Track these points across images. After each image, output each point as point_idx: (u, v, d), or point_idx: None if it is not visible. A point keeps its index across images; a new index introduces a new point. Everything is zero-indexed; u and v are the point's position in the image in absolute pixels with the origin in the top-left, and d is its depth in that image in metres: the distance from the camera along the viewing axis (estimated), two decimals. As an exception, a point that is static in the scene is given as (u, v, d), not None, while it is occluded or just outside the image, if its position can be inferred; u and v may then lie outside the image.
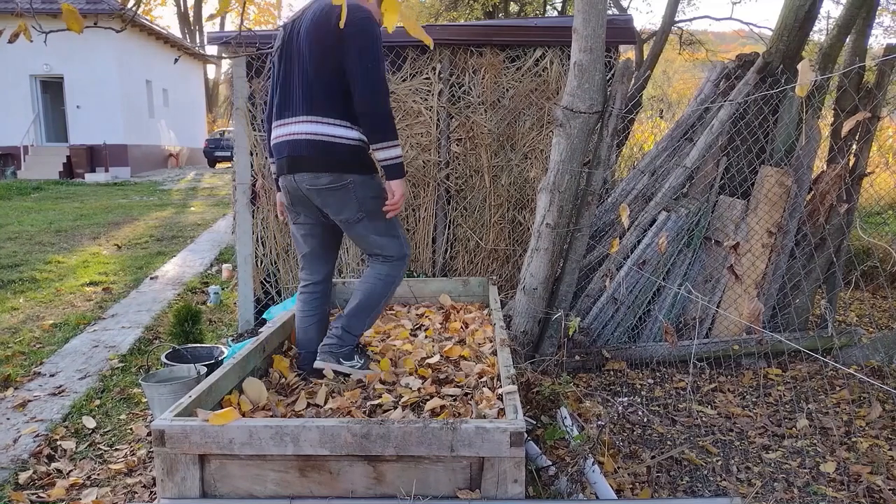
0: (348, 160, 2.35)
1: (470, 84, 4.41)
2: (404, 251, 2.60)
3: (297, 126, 2.34)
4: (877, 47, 13.87)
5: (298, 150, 2.35)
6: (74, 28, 1.84)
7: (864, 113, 2.83)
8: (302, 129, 2.33)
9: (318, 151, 2.32)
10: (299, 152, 2.34)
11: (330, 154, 2.32)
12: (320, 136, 2.31)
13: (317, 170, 2.33)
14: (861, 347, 3.77)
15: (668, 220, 3.84)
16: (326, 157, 2.32)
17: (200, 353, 3.50)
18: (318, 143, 2.31)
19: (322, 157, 2.32)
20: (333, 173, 2.33)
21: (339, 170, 2.33)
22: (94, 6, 16.37)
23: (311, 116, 2.31)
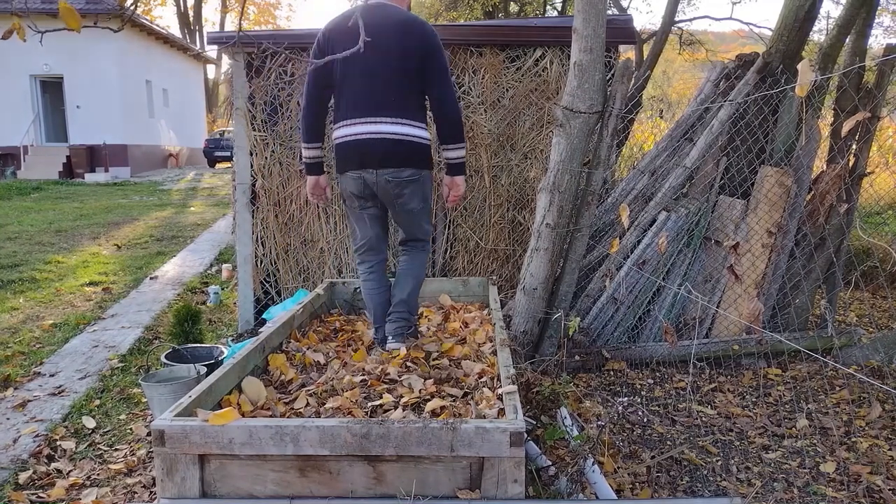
0: (425, 158, 2.73)
1: (470, 84, 4.41)
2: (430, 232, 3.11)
3: (387, 125, 2.59)
4: (877, 47, 13.88)
5: (388, 147, 2.62)
6: (73, 26, 1.83)
7: (864, 113, 2.83)
8: (393, 130, 2.60)
9: (406, 149, 2.64)
10: (390, 149, 2.62)
11: (414, 152, 2.67)
12: (408, 137, 2.63)
13: (403, 165, 2.65)
14: (861, 347, 3.77)
15: (668, 220, 3.84)
16: (411, 155, 2.66)
17: (200, 353, 3.50)
18: (407, 142, 2.63)
19: (408, 155, 2.65)
20: (414, 168, 2.68)
21: (418, 166, 2.69)
22: (93, 6, 16.37)
23: (398, 119, 2.60)
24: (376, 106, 2.58)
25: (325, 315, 3.56)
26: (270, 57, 4.31)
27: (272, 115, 4.42)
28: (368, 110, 2.58)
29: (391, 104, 2.57)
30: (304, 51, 4.35)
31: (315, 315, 3.44)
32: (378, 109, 2.58)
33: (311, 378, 2.63)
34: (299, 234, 4.55)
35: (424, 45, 2.55)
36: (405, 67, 2.55)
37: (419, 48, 2.55)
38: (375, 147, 2.60)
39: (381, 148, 2.59)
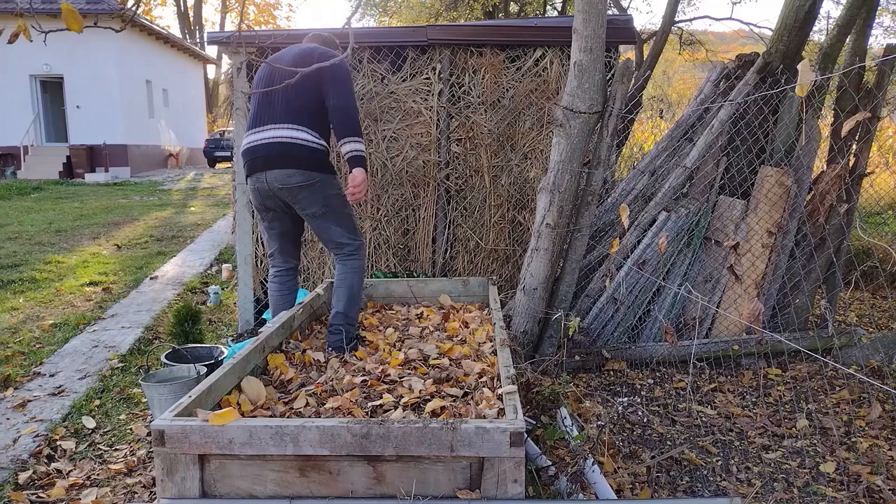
0: (315, 160, 2.74)
1: (470, 84, 4.41)
2: (360, 241, 3.02)
3: (274, 131, 2.71)
4: (877, 47, 13.88)
5: (273, 149, 2.71)
6: (74, 28, 1.83)
7: (864, 113, 2.83)
8: (279, 133, 2.70)
9: (290, 149, 2.69)
10: (274, 151, 2.70)
11: (301, 153, 2.70)
12: (294, 139, 2.69)
13: (288, 166, 2.69)
14: (861, 347, 3.77)
15: (668, 220, 3.84)
16: (297, 155, 2.70)
17: (200, 353, 3.50)
18: (291, 143, 2.70)
19: (294, 155, 2.69)
20: (302, 170, 2.71)
21: (306, 167, 2.72)
22: (94, 6, 16.37)
23: (288, 124, 2.70)
24: (269, 117, 2.77)
25: (325, 315, 3.56)
26: (270, 56, 4.31)
27: (272, 115, 4.42)
28: (262, 121, 2.78)
29: (281, 115, 2.74)
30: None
31: (315, 315, 3.44)
32: (270, 119, 2.76)
33: (310, 378, 2.63)
34: (299, 234, 4.55)
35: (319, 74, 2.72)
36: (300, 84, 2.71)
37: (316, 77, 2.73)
38: (262, 150, 2.74)
39: (265, 151, 2.72)
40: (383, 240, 4.58)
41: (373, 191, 4.51)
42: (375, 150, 4.46)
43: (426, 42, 4.28)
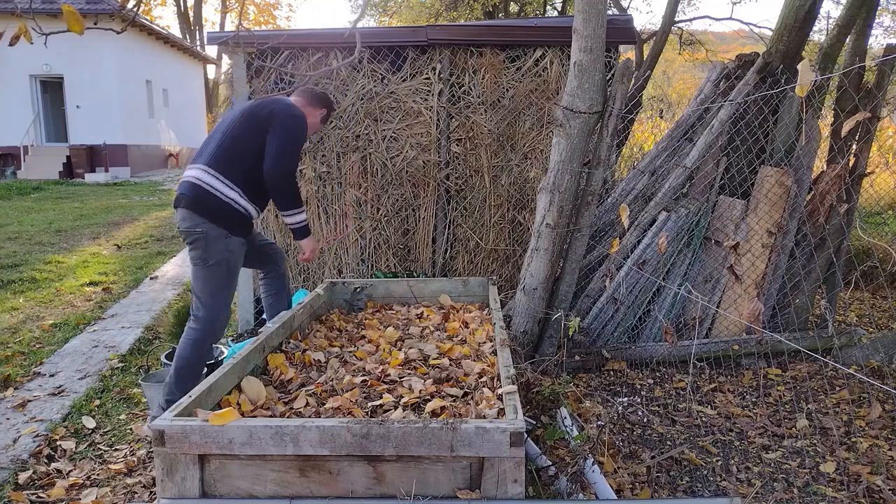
0: (218, 213, 2.62)
1: (470, 84, 4.41)
2: (213, 314, 2.74)
3: (193, 171, 2.65)
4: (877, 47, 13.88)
5: (186, 189, 2.64)
6: (75, 29, 1.84)
7: (864, 113, 2.83)
8: (195, 174, 2.63)
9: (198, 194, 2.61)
10: (187, 191, 2.63)
11: (207, 201, 2.61)
12: (208, 185, 2.60)
13: (191, 208, 2.61)
14: (861, 347, 3.77)
15: (668, 220, 3.85)
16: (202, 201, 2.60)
17: (200, 353, 3.49)
18: (200, 188, 2.61)
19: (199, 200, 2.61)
20: (199, 217, 2.61)
21: (205, 216, 2.61)
22: (94, 6, 16.36)
23: (209, 168, 2.61)
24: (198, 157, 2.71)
25: (324, 315, 3.56)
26: (270, 56, 4.32)
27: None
28: (193, 160, 2.73)
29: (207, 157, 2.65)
30: (304, 50, 4.36)
31: (315, 315, 3.44)
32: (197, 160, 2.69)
33: (310, 378, 2.63)
34: (299, 234, 4.55)
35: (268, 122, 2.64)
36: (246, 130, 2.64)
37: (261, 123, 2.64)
38: (178, 188, 2.69)
39: (179, 190, 2.67)
40: (383, 240, 4.58)
41: (373, 191, 4.51)
42: (375, 151, 4.46)
43: (426, 42, 4.28)
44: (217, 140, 2.68)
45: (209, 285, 2.71)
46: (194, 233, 2.62)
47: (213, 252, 2.65)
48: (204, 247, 2.64)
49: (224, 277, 2.73)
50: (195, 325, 2.74)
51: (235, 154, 2.64)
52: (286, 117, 2.67)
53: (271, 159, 2.59)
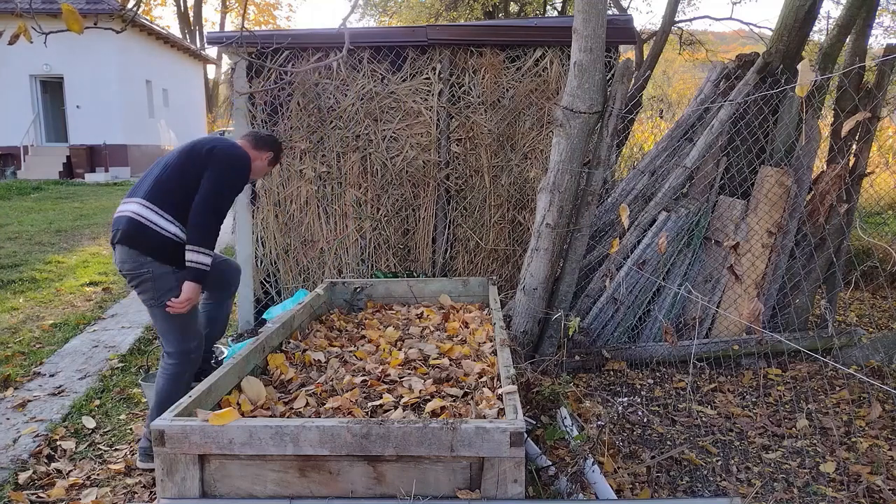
0: (157, 247, 2.53)
1: (470, 84, 4.41)
2: (183, 347, 2.67)
3: (130, 205, 2.58)
4: (877, 47, 13.86)
5: (123, 224, 2.55)
6: (75, 29, 1.84)
7: (864, 113, 2.83)
8: (132, 208, 2.55)
9: (135, 229, 2.52)
10: (123, 226, 2.54)
11: (145, 235, 2.52)
12: (143, 219, 2.52)
13: (128, 244, 2.53)
14: (861, 347, 3.77)
15: (668, 220, 3.84)
16: (139, 236, 2.52)
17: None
18: (139, 223, 2.52)
19: (137, 235, 2.52)
20: (138, 251, 2.53)
21: (144, 251, 2.53)
22: (94, 6, 16.35)
23: (147, 201, 2.55)
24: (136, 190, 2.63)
25: (324, 315, 3.56)
26: (270, 56, 4.32)
27: (272, 115, 4.43)
28: (131, 193, 2.65)
29: (145, 190, 2.59)
30: (304, 50, 4.36)
31: (315, 315, 3.44)
32: (134, 193, 2.63)
33: (310, 378, 2.63)
34: (299, 234, 4.55)
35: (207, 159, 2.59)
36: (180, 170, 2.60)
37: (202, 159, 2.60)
38: (115, 224, 2.60)
39: (115, 225, 2.59)
40: (383, 240, 4.58)
41: (373, 191, 4.51)
42: (375, 151, 4.46)
43: (426, 42, 4.28)
44: (155, 175, 2.62)
45: (171, 323, 2.63)
46: (139, 275, 2.54)
47: (164, 289, 2.56)
48: (153, 287, 2.56)
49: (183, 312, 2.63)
50: (170, 360, 2.68)
51: (174, 188, 2.57)
52: (226, 157, 2.62)
53: (202, 194, 2.53)
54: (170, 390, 2.63)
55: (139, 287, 2.59)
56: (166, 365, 2.68)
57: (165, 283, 2.57)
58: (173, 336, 2.66)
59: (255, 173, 2.93)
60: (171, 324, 2.63)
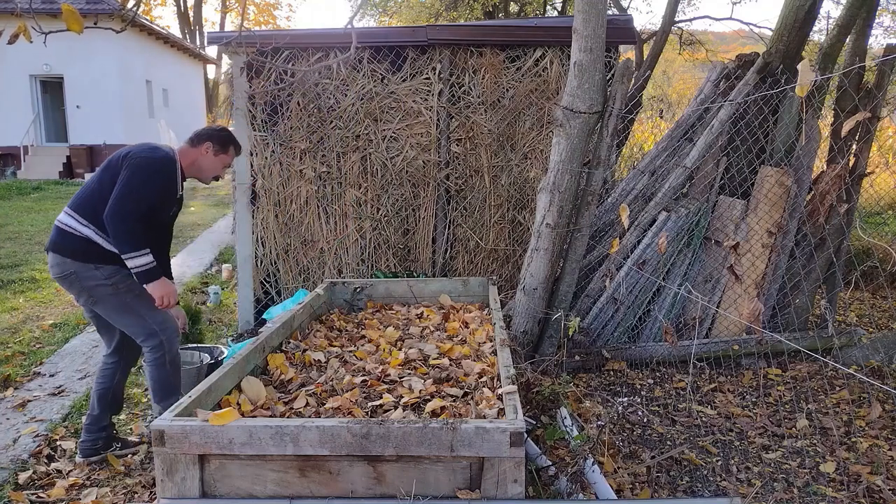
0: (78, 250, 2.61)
1: (470, 84, 4.41)
2: (149, 330, 2.71)
3: (61, 214, 2.70)
4: (877, 47, 13.86)
5: (53, 234, 2.67)
6: (75, 28, 1.84)
7: (864, 113, 2.83)
8: (60, 218, 2.68)
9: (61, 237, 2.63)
10: (53, 236, 2.67)
11: (68, 241, 2.62)
12: (65, 226, 2.63)
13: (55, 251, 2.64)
14: (861, 347, 3.77)
15: (668, 220, 3.84)
16: (64, 242, 2.62)
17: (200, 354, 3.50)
18: (61, 230, 2.64)
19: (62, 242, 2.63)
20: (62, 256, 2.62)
21: (67, 255, 2.62)
22: (94, 6, 16.35)
23: (70, 210, 2.65)
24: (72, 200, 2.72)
25: (324, 315, 3.56)
26: (270, 56, 4.32)
27: (272, 115, 4.43)
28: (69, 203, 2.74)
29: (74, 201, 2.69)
30: (305, 50, 4.36)
31: (315, 315, 3.44)
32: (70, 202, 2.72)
33: (310, 378, 2.63)
34: (299, 234, 4.55)
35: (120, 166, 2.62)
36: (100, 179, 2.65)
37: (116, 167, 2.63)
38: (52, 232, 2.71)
39: (51, 233, 2.70)
40: (383, 240, 4.58)
41: (373, 191, 4.51)
42: (375, 151, 4.46)
43: (426, 42, 4.28)
44: (84, 185, 2.73)
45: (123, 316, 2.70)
46: (66, 276, 2.64)
47: (91, 285, 2.64)
48: (80, 286, 2.64)
49: (125, 298, 2.67)
50: (145, 349, 2.74)
51: (89, 194, 2.66)
52: (137, 160, 2.62)
53: (111, 201, 2.55)
54: (159, 377, 2.72)
55: (70, 288, 2.68)
56: (146, 355, 2.75)
57: (90, 279, 2.63)
58: (133, 329, 2.72)
59: (207, 170, 2.86)
60: (122, 318, 2.71)
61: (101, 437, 2.84)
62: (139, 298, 2.69)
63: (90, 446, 2.81)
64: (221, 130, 2.90)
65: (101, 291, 2.64)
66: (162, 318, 2.74)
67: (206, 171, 2.87)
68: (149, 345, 2.72)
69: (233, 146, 2.90)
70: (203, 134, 2.86)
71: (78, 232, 2.62)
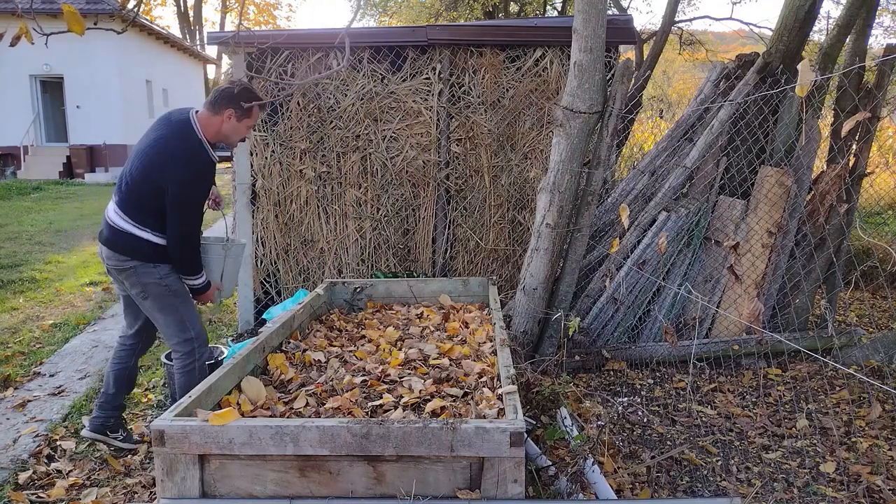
0: (138, 249, 2.67)
1: (470, 84, 4.41)
2: (183, 337, 2.76)
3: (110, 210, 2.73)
4: (877, 47, 13.86)
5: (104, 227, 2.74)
6: (76, 30, 1.83)
7: (864, 113, 2.83)
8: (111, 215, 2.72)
9: (115, 236, 2.69)
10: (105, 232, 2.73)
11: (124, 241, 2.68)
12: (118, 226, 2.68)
13: (111, 248, 2.70)
14: (861, 347, 3.77)
15: (668, 220, 3.84)
16: (120, 242, 2.68)
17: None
18: (116, 229, 2.69)
19: (117, 241, 2.69)
20: (121, 254, 2.69)
21: (127, 253, 2.68)
22: (94, 6, 16.35)
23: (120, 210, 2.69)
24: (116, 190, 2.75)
25: (325, 315, 3.56)
26: (270, 56, 4.32)
27: (272, 115, 4.43)
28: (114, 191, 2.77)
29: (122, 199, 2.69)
30: (304, 51, 4.36)
31: (315, 315, 3.44)
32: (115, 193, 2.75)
33: (310, 378, 2.63)
34: (299, 234, 4.55)
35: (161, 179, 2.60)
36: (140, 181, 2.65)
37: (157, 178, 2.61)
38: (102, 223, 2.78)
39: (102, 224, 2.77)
40: (383, 240, 4.58)
41: (373, 191, 4.51)
42: (375, 151, 4.46)
43: (426, 42, 4.28)
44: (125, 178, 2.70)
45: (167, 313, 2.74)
46: (124, 269, 2.68)
47: (147, 281, 2.69)
48: (136, 280, 2.69)
49: (173, 300, 2.73)
50: (175, 355, 2.78)
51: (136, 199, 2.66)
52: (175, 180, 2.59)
53: (171, 232, 2.63)
54: (187, 384, 2.71)
55: (126, 280, 2.71)
56: (175, 361, 2.79)
57: (148, 275, 2.68)
58: (172, 329, 2.75)
59: (232, 136, 2.80)
60: (165, 318, 2.74)
61: (114, 416, 2.90)
62: (185, 303, 2.78)
63: (101, 423, 2.86)
64: (241, 92, 2.75)
65: (154, 289, 2.70)
66: (200, 327, 2.81)
67: (231, 138, 2.84)
68: (181, 350, 2.75)
69: (256, 105, 2.80)
70: (223, 98, 2.74)
71: (135, 236, 2.66)
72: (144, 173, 2.63)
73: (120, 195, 2.70)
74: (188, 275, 2.74)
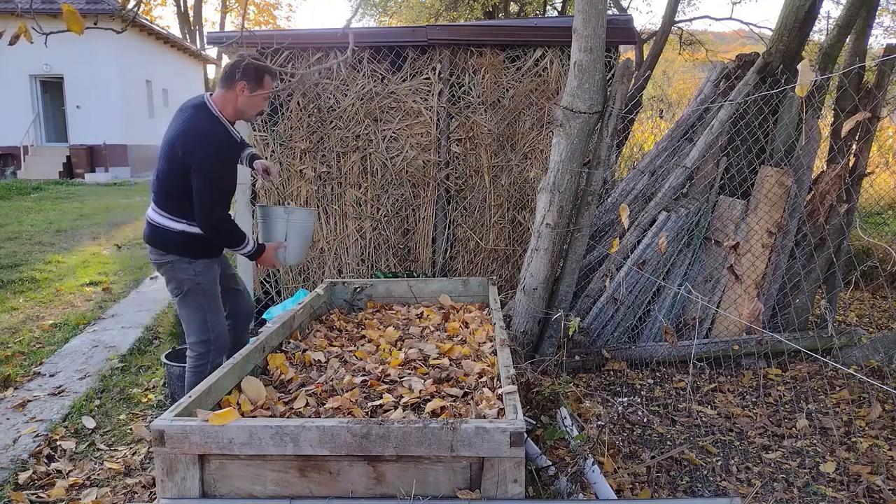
0: (173, 243, 2.76)
1: (470, 84, 4.41)
2: (203, 337, 2.81)
3: (149, 209, 2.85)
4: (877, 47, 13.86)
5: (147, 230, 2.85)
6: (75, 29, 1.83)
7: (864, 113, 2.83)
8: (150, 214, 2.83)
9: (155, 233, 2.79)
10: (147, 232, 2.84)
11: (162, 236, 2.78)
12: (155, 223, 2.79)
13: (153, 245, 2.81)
14: (861, 347, 3.77)
15: (668, 220, 3.84)
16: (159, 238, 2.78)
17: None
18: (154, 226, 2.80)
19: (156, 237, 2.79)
20: (160, 250, 2.79)
21: (164, 248, 2.78)
22: (94, 6, 16.36)
23: (155, 206, 2.80)
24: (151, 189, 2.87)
25: (325, 315, 3.56)
26: (271, 57, 4.31)
27: (272, 115, 4.43)
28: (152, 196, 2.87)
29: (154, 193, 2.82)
30: (305, 51, 4.36)
31: (315, 315, 3.44)
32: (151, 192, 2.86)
33: (310, 378, 2.63)
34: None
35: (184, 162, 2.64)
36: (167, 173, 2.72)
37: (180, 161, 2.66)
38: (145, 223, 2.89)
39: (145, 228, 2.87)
40: (383, 240, 4.58)
41: (373, 191, 4.51)
42: (375, 151, 4.46)
43: (426, 42, 4.28)
44: (156, 174, 2.79)
45: (191, 311, 2.80)
46: (164, 264, 2.79)
47: (182, 277, 2.77)
48: (172, 275, 2.78)
49: (202, 300, 2.80)
50: (191, 352, 2.82)
51: (167, 190, 2.74)
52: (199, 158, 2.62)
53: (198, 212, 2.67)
54: (192, 384, 2.74)
55: (164, 274, 2.82)
56: (189, 358, 2.83)
57: (184, 272, 2.76)
58: (194, 326, 2.80)
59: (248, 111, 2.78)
60: (192, 314, 2.79)
61: None
62: (212, 305, 2.83)
63: None
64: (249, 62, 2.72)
65: (187, 286, 2.78)
66: (220, 331, 2.85)
67: (248, 113, 2.81)
68: (197, 350, 2.79)
69: (268, 74, 2.76)
70: (234, 71, 2.70)
71: (171, 229, 2.74)
72: (170, 161, 2.68)
73: (154, 192, 2.80)
74: (232, 247, 2.82)
